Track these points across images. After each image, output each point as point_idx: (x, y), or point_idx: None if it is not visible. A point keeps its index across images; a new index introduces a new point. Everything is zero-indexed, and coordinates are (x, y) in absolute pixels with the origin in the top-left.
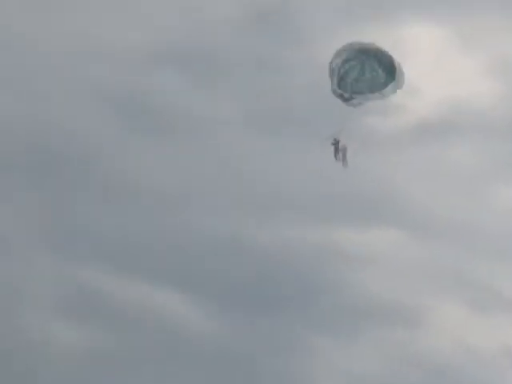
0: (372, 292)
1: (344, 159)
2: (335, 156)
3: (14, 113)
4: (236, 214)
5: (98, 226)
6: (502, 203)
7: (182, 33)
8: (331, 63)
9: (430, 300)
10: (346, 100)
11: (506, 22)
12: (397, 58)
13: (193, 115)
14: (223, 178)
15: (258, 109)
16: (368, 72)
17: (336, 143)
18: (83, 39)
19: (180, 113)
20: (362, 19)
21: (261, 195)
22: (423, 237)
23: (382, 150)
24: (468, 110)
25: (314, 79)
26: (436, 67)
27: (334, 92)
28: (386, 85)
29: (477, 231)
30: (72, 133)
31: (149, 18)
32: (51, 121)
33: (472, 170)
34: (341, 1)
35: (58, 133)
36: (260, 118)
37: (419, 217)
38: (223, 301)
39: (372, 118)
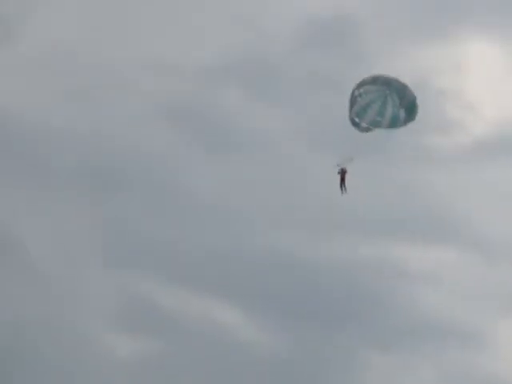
0: (431, 310)
1: (343, 184)
2: (340, 186)
3: (78, 129)
4: (294, 230)
5: (156, 239)
6: None
7: (243, 48)
8: (354, 91)
9: (490, 321)
10: (361, 130)
11: None
12: (458, 76)
13: (256, 130)
14: (282, 192)
15: (322, 123)
16: (390, 107)
17: (342, 173)
18: (146, 55)
19: (242, 127)
20: (424, 36)
21: (320, 211)
22: (484, 257)
23: (443, 168)
24: None
25: None
26: (497, 86)
27: (351, 120)
28: (404, 123)
29: None
30: (134, 147)
31: (210, 35)
32: (114, 135)
33: None
34: (404, 17)
35: (119, 147)
36: (324, 134)
37: (479, 237)
38: (281, 316)
39: (431, 136)
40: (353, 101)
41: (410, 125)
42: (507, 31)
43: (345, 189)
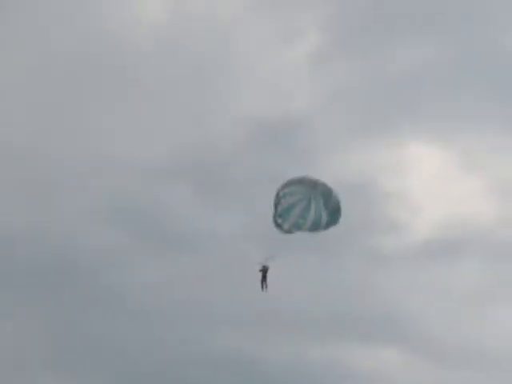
0: None
1: (264, 281)
2: (261, 284)
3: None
4: (242, 330)
5: (99, 341)
6: (496, 323)
7: (192, 148)
8: (279, 192)
9: None
10: (284, 231)
11: (507, 142)
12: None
13: (201, 230)
14: (231, 292)
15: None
16: (313, 210)
17: (264, 270)
18: (97, 153)
19: (190, 227)
20: (368, 138)
21: (267, 311)
22: (430, 356)
23: (389, 268)
24: (470, 230)
25: None
26: (438, 187)
27: (274, 221)
28: (326, 227)
29: (479, 352)
30: (81, 246)
31: (159, 134)
32: (62, 233)
33: (469, 289)
34: (351, 119)
35: (66, 245)
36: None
37: (425, 336)
38: None
39: (376, 237)
40: (276, 201)
41: (358, 225)
42: (446, 134)
43: (266, 286)
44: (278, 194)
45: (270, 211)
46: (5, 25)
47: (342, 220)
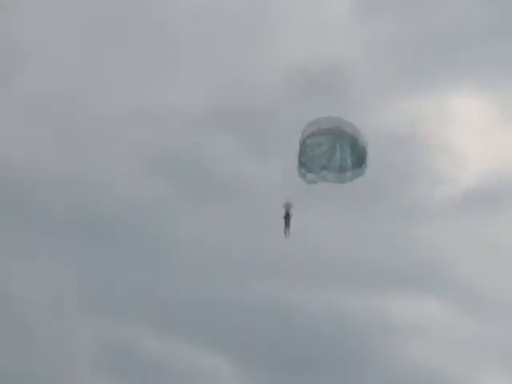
0: (418, 362)
1: (287, 228)
2: (284, 231)
3: (66, 176)
4: (284, 280)
5: (145, 288)
6: None
7: (231, 98)
8: (305, 140)
9: (473, 372)
10: (307, 181)
11: None
12: (443, 128)
13: (241, 180)
14: (272, 241)
15: None
16: (337, 161)
17: (287, 217)
18: (135, 103)
19: (230, 177)
20: (409, 88)
21: (305, 260)
22: (468, 308)
23: (431, 220)
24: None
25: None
26: (482, 139)
27: (298, 170)
28: (351, 179)
29: None
30: (122, 196)
31: (198, 84)
32: (102, 184)
33: None
34: (392, 67)
35: (108, 196)
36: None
37: (464, 288)
38: (261, 365)
39: (419, 189)
40: (302, 150)
41: (400, 177)
42: (492, 83)
43: (288, 233)
44: (304, 142)
45: None
46: None
47: (383, 172)
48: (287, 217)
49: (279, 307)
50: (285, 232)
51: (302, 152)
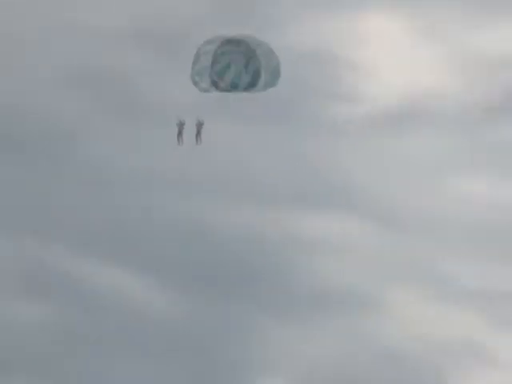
0: (326, 276)
1: (198, 135)
2: (178, 138)
3: None
4: (201, 198)
5: (64, 206)
6: (455, 192)
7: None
8: (200, 48)
9: (384, 287)
10: (200, 89)
11: (462, 13)
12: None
13: (163, 98)
14: (188, 161)
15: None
16: (233, 69)
17: (181, 125)
18: (59, 18)
19: (152, 94)
20: (325, 6)
21: (221, 179)
22: (379, 224)
23: (346, 137)
24: (429, 100)
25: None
26: (397, 56)
27: (192, 79)
28: (264, 88)
29: (433, 220)
30: (48, 114)
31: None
32: (24, 100)
33: (427, 159)
34: None
35: (34, 115)
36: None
37: (375, 204)
38: (183, 285)
39: (333, 106)
40: (196, 59)
41: (313, 94)
42: (403, 4)
43: (199, 139)
44: (198, 51)
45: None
46: None
47: (296, 90)
48: (198, 124)
49: (196, 225)
50: (196, 139)
51: (196, 61)
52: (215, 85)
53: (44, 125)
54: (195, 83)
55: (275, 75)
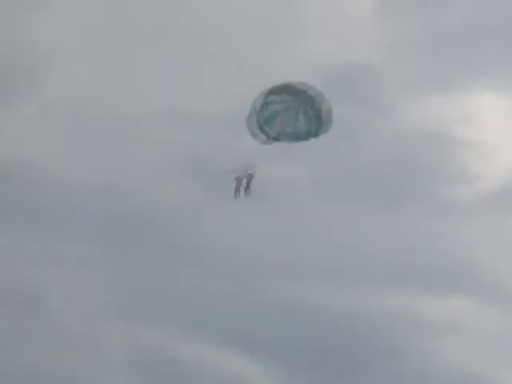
0: (441, 359)
1: (248, 188)
2: (235, 193)
3: (91, 180)
4: (307, 279)
5: (169, 289)
6: None
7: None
8: (256, 101)
9: (505, 372)
10: (261, 142)
11: None
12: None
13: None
14: (295, 242)
15: (333, 175)
16: (293, 120)
17: (239, 179)
18: (162, 105)
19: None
20: (435, 86)
21: (335, 260)
22: (502, 307)
23: (462, 217)
24: None
25: (390, 144)
26: (506, 136)
27: (253, 135)
28: (315, 135)
29: None
30: (147, 198)
31: (224, 84)
32: (128, 187)
33: None
34: (416, 68)
35: (133, 198)
36: (337, 183)
37: (494, 286)
38: (291, 366)
39: (449, 186)
40: (258, 109)
41: (427, 175)
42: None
43: (249, 192)
44: (258, 101)
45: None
46: None
47: (410, 170)
48: (249, 176)
49: (304, 306)
50: (246, 192)
51: (255, 112)
52: (275, 136)
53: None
54: (255, 135)
55: (330, 121)
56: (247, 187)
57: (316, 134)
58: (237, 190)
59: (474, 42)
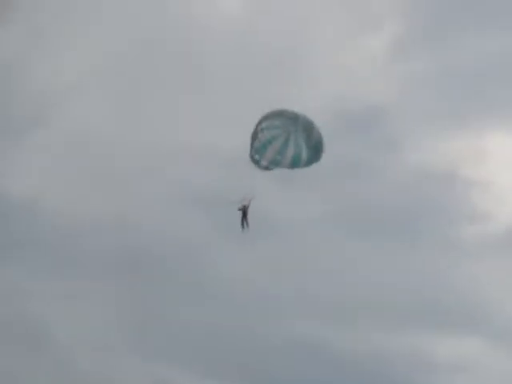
0: None
1: (245, 219)
2: (241, 223)
3: (102, 216)
4: (321, 318)
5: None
6: None
7: None
8: (257, 126)
9: None
10: (261, 167)
11: None
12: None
13: (281, 216)
14: (309, 278)
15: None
16: (292, 146)
17: (244, 209)
18: (173, 142)
19: (269, 214)
20: (447, 126)
21: (346, 298)
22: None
23: (473, 257)
24: None
25: (402, 182)
26: None
27: (251, 158)
28: (308, 164)
29: None
30: (161, 233)
31: (238, 124)
32: (139, 223)
33: None
34: (428, 108)
35: (145, 234)
36: (352, 221)
37: (507, 326)
38: None
39: (459, 225)
40: (254, 136)
41: (439, 214)
42: None
43: (247, 225)
44: (256, 128)
45: (348, 201)
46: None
47: (423, 209)
48: (244, 210)
49: (319, 345)
50: (242, 225)
51: (254, 138)
52: (275, 163)
53: (174, 243)
54: (255, 161)
55: (319, 149)
56: (244, 218)
57: (309, 162)
58: (243, 220)
59: (486, 82)
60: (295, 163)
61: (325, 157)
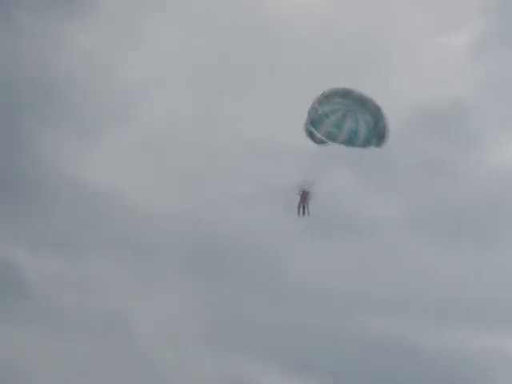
0: None
1: (307, 206)
2: (298, 208)
3: (179, 211)
4: (399, 316)
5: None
6: None
7: None
8: (315, 101)
9: None
10: (316, 141)
11: None
12: None
13: (361, 216)
14: (388, 278)
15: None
16: (349, 123)
17: (304, 194)
18: (253, 136)
19: (349, 213)
20: None
21: (424, 297)
22: None
23: None
24: None
25: (482, 183)
26: None
27: (305, 130)
28: (365, 144)
29: None
30: (234, 229)
31: None
32: (217, 218)
33: None
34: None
35: (220, 229)
36: (435, 222)
37: None
38: None
39: None
40: (312, 109)
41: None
42: None
43: (307, 211)
44: (315, 102)
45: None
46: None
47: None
48: (304, 195)
49: (399, 344)
50: (298, 209)
51: (312, 111)
52: (331, 137)
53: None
54: (310, 135)
55: (383, 138)
56: (305, 205)
57: (367, 143)
58: (299, 205)
59: None
60: (351, 140)
61: (408, 155)
